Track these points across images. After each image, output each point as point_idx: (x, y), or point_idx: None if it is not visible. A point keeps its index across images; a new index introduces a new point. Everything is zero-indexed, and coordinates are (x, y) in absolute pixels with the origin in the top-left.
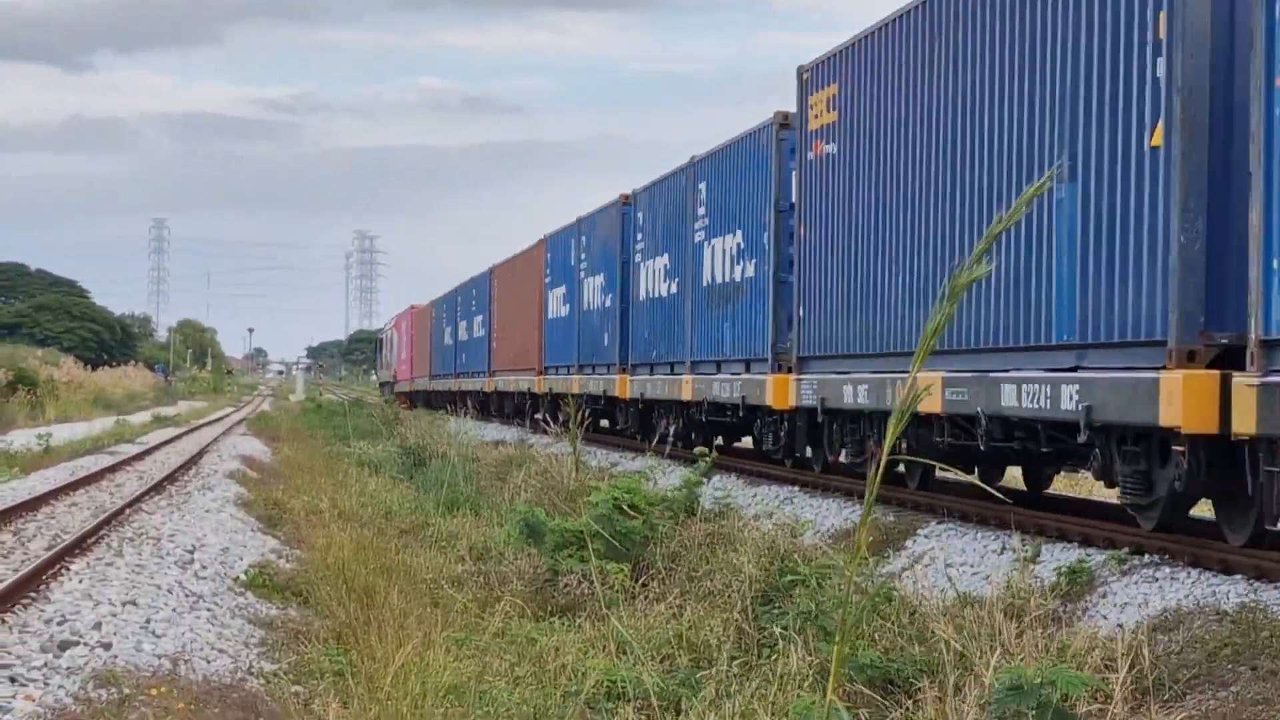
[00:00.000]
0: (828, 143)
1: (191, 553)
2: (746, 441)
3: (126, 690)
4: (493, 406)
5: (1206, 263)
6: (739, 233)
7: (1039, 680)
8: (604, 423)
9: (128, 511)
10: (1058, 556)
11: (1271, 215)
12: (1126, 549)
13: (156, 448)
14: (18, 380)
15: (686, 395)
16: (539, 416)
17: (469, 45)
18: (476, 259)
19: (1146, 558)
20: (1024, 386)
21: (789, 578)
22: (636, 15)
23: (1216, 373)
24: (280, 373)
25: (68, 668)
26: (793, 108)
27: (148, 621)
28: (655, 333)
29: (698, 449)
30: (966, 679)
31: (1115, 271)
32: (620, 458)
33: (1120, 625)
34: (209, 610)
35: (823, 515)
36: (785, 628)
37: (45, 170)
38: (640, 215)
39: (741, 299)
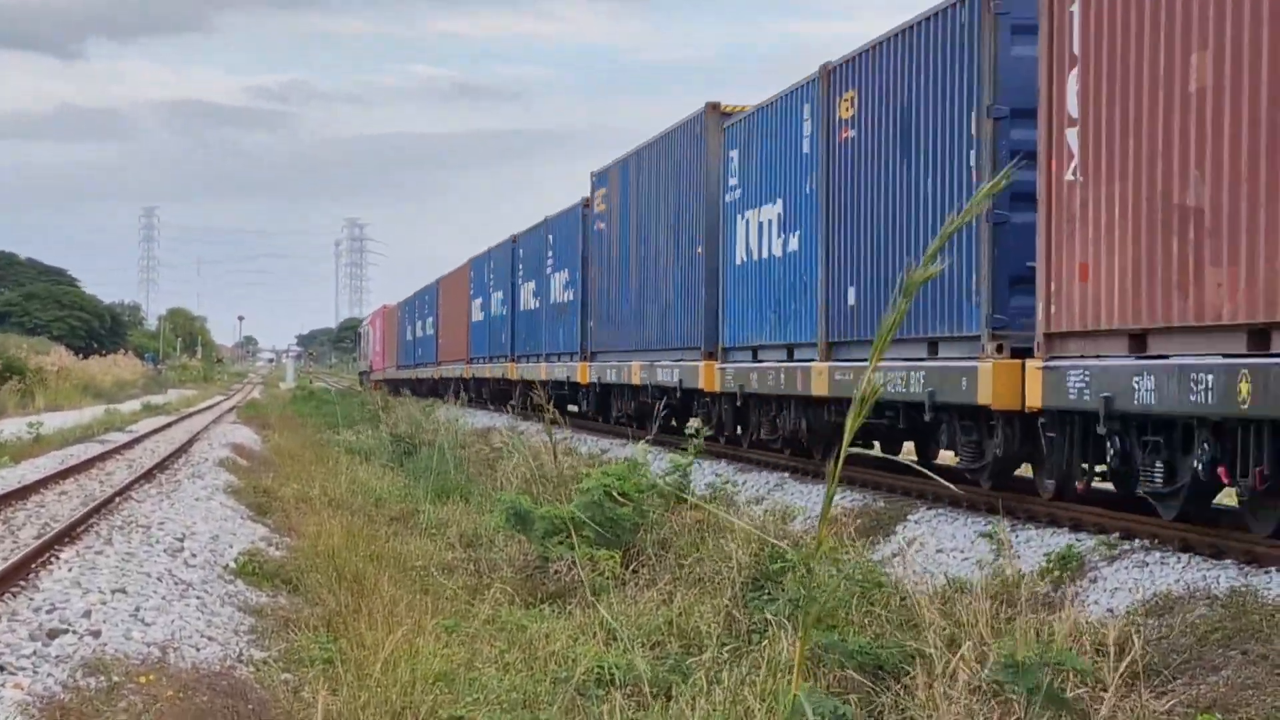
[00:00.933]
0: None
1: (181, 540)
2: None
3: (115, 678)
4: (440, 390)
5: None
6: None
7: (1035, 660)
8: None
9: (117, 500)
10: (1048, 542)
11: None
12: (1117, 534)
13: (146, 436)
14: (7, 369)
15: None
16: (512, 403)
17: (464, 32)
18: (469, 246)
19: (1137, 542)
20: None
21: (779, 564)
22: (635, 2)
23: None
24: (270, 361)
25: (57, 656)
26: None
27: (137, 609)
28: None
29: (690, 426)
30: (956, 664)
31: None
32: (611, 444)
33: (1111, 610)
34: (198, 598)
35: (813, 501)
36: (775, 614)
37: (36, 159)
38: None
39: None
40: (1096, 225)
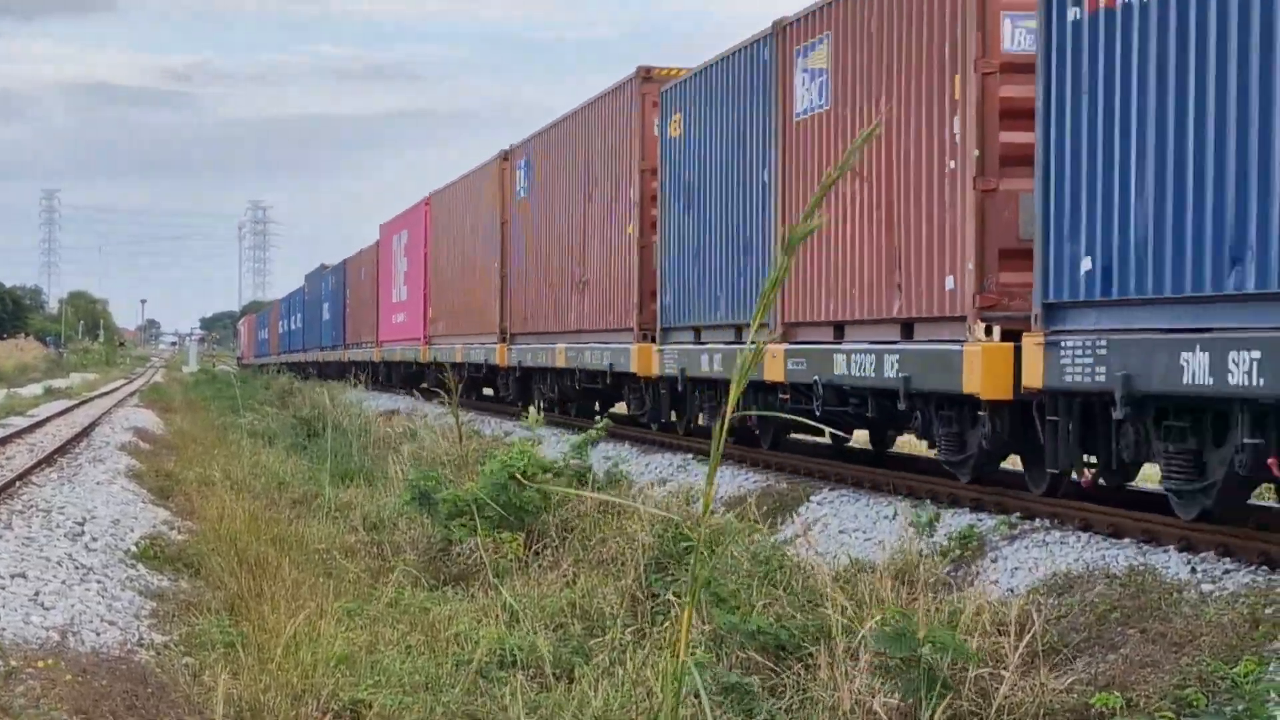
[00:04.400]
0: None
1: (82, 525)
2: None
3: (13, 663)
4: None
5: None
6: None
7: (923, 637)
8: (487, 390)
9: (17, 484)
10: (949, 522)
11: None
12: (1017, 514)
13: (48, 420)
14: None
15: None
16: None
17: (370, 11)
18: (372, 226)
19: (1037, 522)
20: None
21: (682, 544)
22: None
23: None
24: (173, 344)
25: None
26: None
27: (36, 594)
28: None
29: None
30: (858, 644)
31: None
32: (514, 426)
33: (1011, 589)
34: (99, 582)
35: (717, 483)
36: (678, 594)
37: None
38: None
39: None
40: None
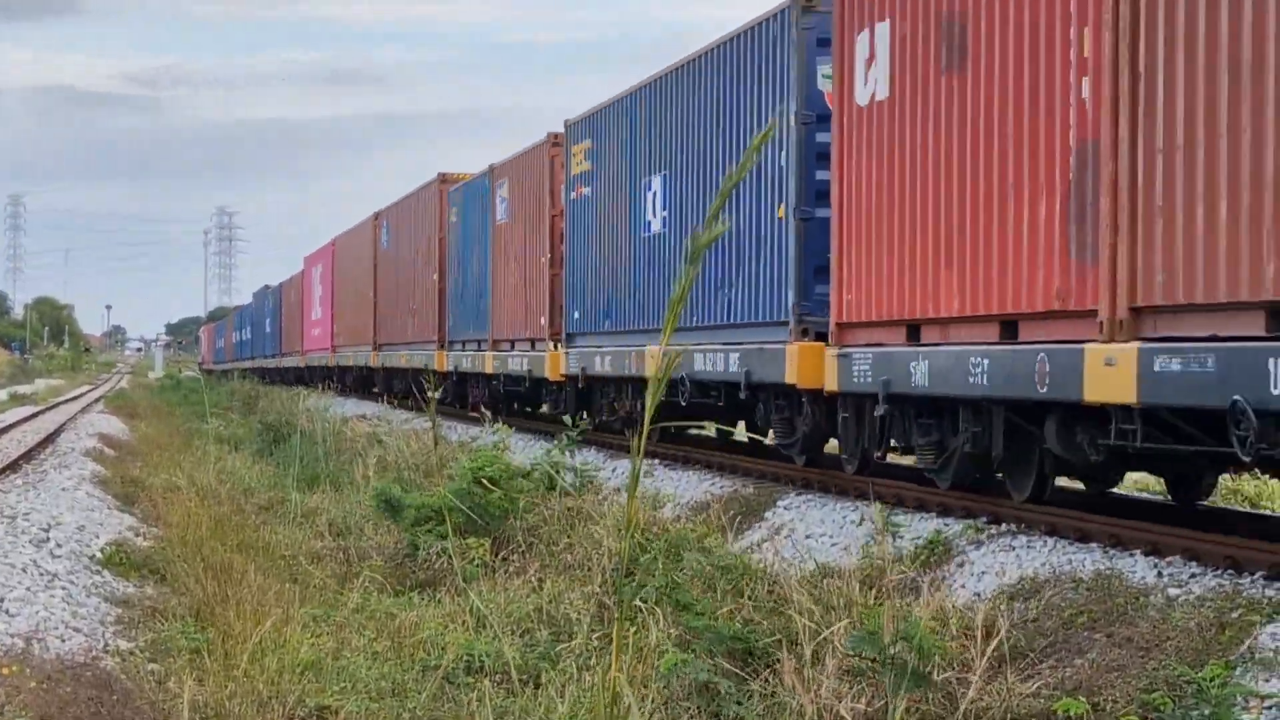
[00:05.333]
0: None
1: (47, 531)
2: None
3: None
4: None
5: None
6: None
7: (892, 636)
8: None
9: None
10: (915, 527)
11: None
12: (984, 518)
13: (13, 426)
14: None
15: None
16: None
17: (338, 15)
18: (339, 228)
19: (1004, 526)
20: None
21: (648, 554)
22: None
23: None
24: (139, 350)
25: None
26: None
27: (0, 601)
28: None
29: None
30: (825, 649)
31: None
32: (481, 431)
33: (978, 594)
34: (64, 589)
35: (683, 488)
36: (644, 600)
37: None
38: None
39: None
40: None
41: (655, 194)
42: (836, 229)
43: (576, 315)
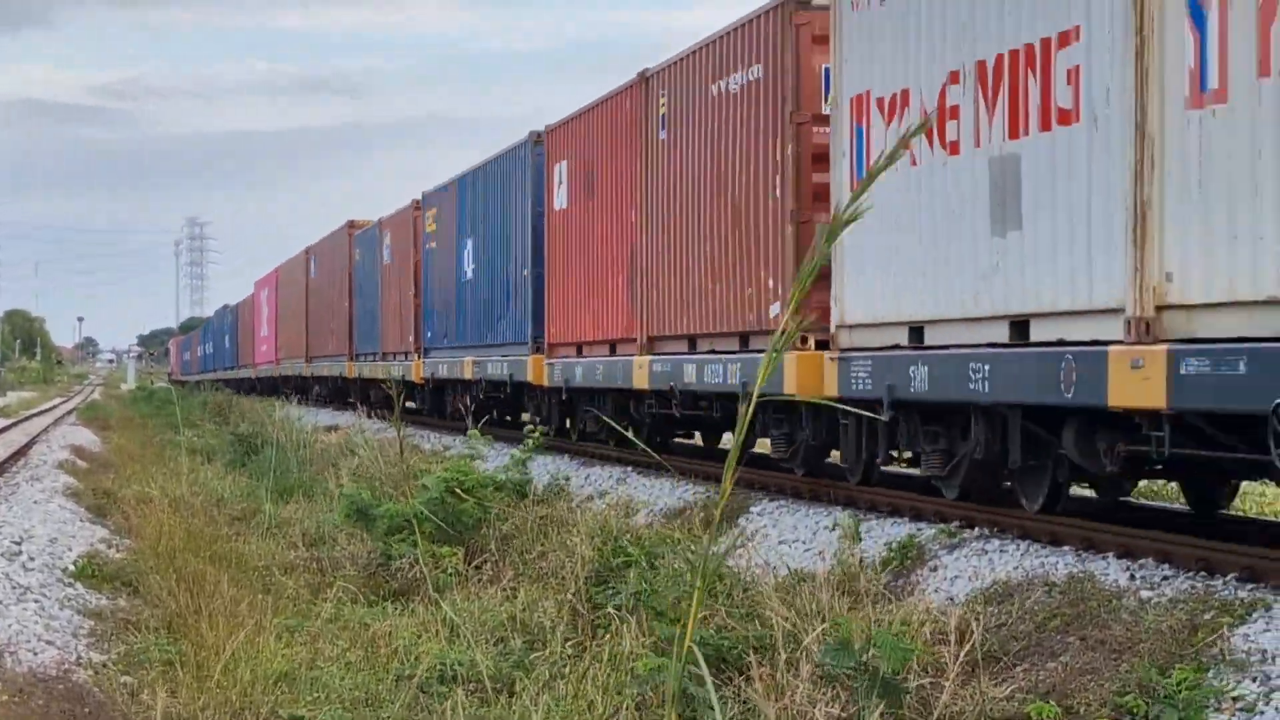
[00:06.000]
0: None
1: (19, 544)
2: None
3: None
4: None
5: None
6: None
7: (864, 644)
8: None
9: None
10: (889, 531)
11: None
12: (957, 522)
13: None
14: None
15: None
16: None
17: (306, 27)
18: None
19: (977, 530)
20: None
21: (622, 559)
22: None
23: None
24: (111, 362)
25: None
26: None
27: None
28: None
29: (528, 429)
30: (798, 655)
31: None
32: (454, 440)
33: (951, 598)
34: (36, 601)
35: (656, 495)
36: (618, 607)
37: None
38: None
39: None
40: None
41: (469, 251)
42: (546, 283)
43: (429, 334)
